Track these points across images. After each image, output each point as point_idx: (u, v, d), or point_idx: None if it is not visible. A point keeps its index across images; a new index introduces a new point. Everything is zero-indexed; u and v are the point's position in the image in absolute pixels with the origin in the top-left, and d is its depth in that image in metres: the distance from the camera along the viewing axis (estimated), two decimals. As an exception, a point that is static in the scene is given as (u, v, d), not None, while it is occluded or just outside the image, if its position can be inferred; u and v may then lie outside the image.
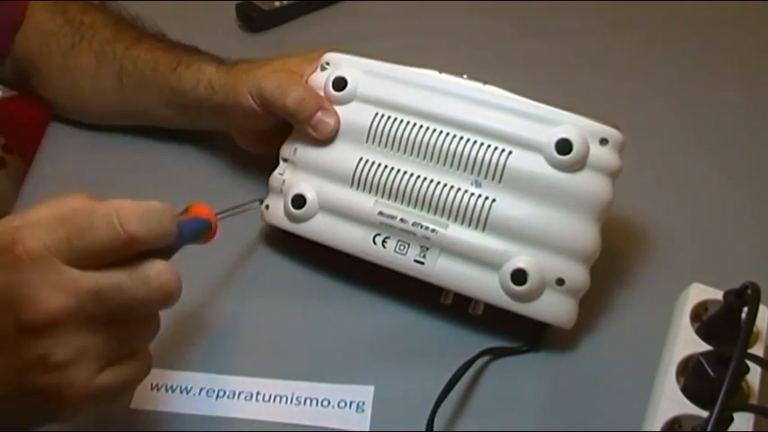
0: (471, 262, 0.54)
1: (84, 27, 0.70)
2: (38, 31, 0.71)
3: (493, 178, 0.54)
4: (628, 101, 0.79)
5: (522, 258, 0.53)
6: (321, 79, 0.60)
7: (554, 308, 0.54)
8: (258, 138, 0.66)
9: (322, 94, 0.59)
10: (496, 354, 0.55)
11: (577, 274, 0.54)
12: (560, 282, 0.53)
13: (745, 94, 0.81)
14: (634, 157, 0.56)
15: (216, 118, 0.65)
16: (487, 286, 0.54)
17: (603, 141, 0.54)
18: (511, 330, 0.56)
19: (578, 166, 0.53)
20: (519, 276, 0.53)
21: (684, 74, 0.83)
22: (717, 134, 0.76)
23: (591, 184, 0.54)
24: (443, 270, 0.55)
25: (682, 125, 0.77)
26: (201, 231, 0.45)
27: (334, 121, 0.58)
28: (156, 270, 0.39)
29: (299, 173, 0.60)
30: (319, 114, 0.58)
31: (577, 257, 0.54)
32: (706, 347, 0.51)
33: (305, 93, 0.59)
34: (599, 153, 0.54)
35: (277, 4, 0.90)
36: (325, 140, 0.58)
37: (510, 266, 0.53)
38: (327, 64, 0.61)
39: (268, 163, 0.62)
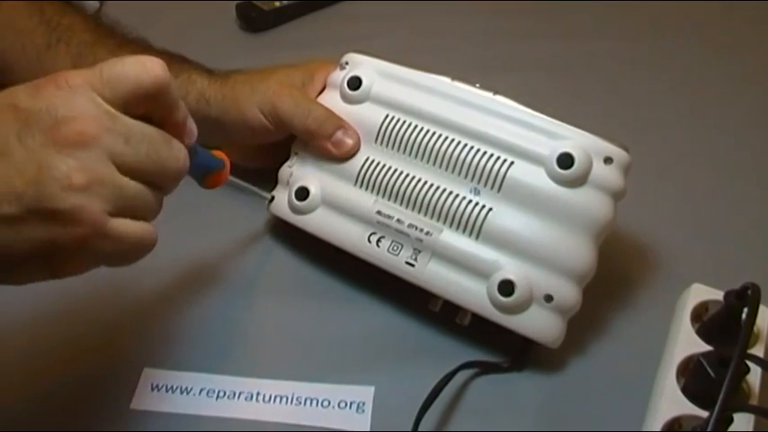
0: (461, 269, 0.54)
1: (62, 28, 0.67)
2: (12, 29, 0.68)
3: (492, 187, 0.54)
4: (627, 101, 0.79)
5: (511, 270, 0.53)
6: (338, 78, 0.61)
7: (539, 324, 0.53)
8: (253, 152, 0.64)
9: (338, 92, 0.60)
10: (477, 368, 0.54)
11: (567, 293, 0.52)
12: (549, 298, 0.52)
13: (745, 94, 0.80)
14: (634, 158, 0.56)
15: (207, 131, 0.64)
16: (474, 294, 0.53)
17: (608, 160, 0.53)
18: (499, 345, 0.55)
19: (579, 181, 0.52)
20: (506, 287, 0.52)
21: (682, 74, 0.83)
22: (716, 133, 0.76)
23: (590, 201, 0.53)
24: (433, 274, 0.55)
25: (681, 125, 0.77)
26: (212, 166, 0.50)
27: (354, 140, 0.59)
28: (179, 144, 0.43)
29: (307, 167, 0.61)
30: (339, 133, 0.59)
31: (569, 275, 0.52)
32: (706, 348, 0.51)
33: (325, 113, 0.59)
34: (602, 171, 0.53)
35: (277, 4, 0.91)
36: (345, 157, 0.59)
37: (498, 277, 0.52)
38: (347, 63, 0.62)
39: (265, 172, 0.62)
